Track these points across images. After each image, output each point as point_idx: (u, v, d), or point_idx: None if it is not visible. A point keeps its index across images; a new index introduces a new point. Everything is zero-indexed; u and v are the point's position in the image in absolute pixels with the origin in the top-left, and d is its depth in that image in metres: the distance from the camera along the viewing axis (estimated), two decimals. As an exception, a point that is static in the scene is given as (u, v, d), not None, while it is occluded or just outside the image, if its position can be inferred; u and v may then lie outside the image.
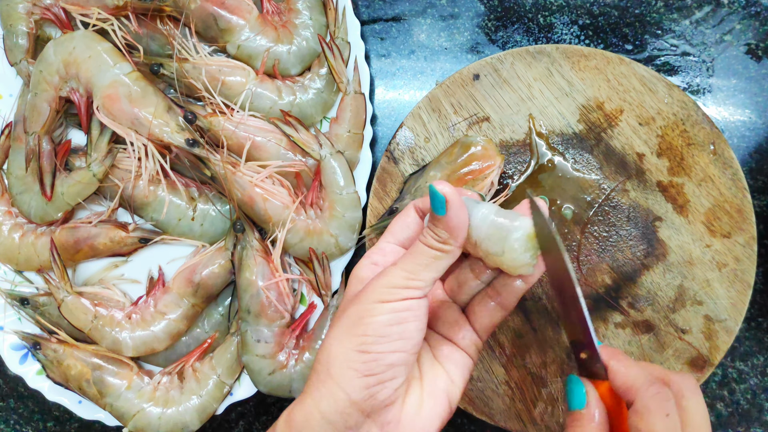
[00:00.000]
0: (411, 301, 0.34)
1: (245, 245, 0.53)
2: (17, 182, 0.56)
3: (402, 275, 0.34)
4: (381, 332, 0.34)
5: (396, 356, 0.34)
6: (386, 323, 0.34)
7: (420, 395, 0.36)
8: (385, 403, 0.34)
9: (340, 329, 0.35)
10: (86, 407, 0.56)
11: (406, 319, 0.34)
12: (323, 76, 0.55)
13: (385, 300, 0.34)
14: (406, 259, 0.35)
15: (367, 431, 0.34)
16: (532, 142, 0.52)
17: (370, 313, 0.34)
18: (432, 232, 0.35)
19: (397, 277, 0.35)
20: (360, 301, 0.35)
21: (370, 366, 0.33)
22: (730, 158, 0.50)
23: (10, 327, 0.57)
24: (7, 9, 0.55)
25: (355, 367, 0.33)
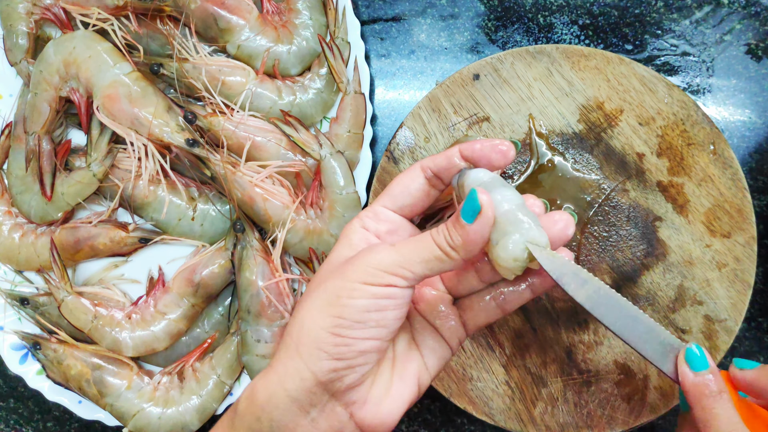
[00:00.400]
0: (395, 290, 0.32)
1: (245, 245, 0.53)
2: (17, 182, 0.56)
3: (394, 259, 0.32)
4: (357, 317, 0.32)
5: (369, 344, 0.32)
6: (364, 308, 0.32)
7: (390, 377, 0.35)
8: (352, 386, 0.33)
9: (316, 303, 0.33)
10: (86, 407, 0.56)
11: (385, 307, 0.32)
12: (323, 76, 0.55)
13: (368, 282, 0.32)
14: (406, 246, 0.33)
15: (331, 409, 0.33)
16: (532, 142, 0.52)
17: (350, 293, 0.32)
18: (447, 231, 0.32)
19: (387, 260, 0.32)
20: (343, 275, 0.33)
21: (341, 350, 0.32)
22: (730, 158, 0.50)
23: (10, 327, 0.57)
24: (7, 9, 0.55)
25: (325, 349, 0.32)
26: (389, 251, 0.33)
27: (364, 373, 0.33)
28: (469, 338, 0.51)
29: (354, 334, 0.32)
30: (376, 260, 0.32)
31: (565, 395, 0.50)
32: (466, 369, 0.51)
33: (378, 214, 0.37)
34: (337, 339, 0.32)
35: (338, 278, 0.33)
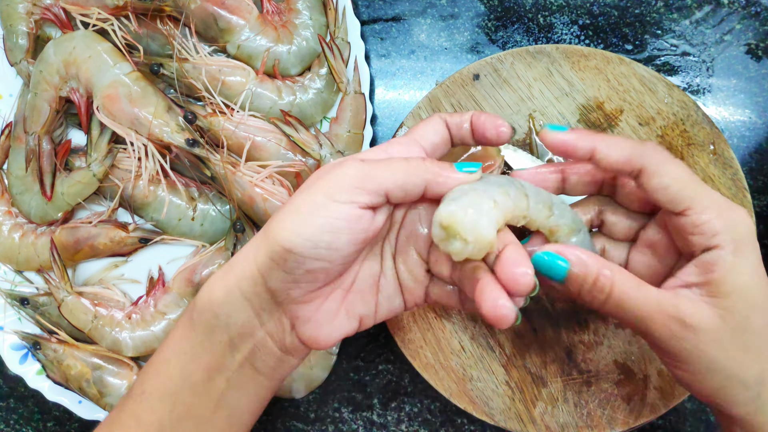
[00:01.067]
0: (352, 210, 0.33)
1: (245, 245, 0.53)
2: (17, 182, 0.56)
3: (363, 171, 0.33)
4: (311, 236, 0.33)
5: (317, 264, 0.33)
6: (319, 228, 0.33)
7: (338, 307, 0.37)
8: (297, 301, 0.35)
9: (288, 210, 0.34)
10: (86, 407, 0.56)
11: (340, 230, 0.33)
12: (323, 76, 0.55)
13: (335, 199, 0.33)
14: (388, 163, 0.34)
15: (278, 318, 0.36)
16: (532, 142, 0.52)
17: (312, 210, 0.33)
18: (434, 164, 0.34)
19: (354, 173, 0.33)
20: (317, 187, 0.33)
21: (290, 265, 0.33)
22: (730, 158, 0.50)
23: (10, 327, 0.57)
24: (7, 9, 0.55)
25: (276, 260, 0.33)
26: (357, 164, 0.33)
27: (310, 291, 0.35)
28: (469, 338, 0.51)
29: (306, 252, 0.33)
30: (342, 173, 0.33)
31: (565, 395, 0.50)
32: (466, 369, 0.51)
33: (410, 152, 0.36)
34: (289, 255, 0.33)
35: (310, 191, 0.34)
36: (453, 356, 0.51)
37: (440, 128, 0.38)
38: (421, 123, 0.38)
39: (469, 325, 0.51)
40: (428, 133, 0.37)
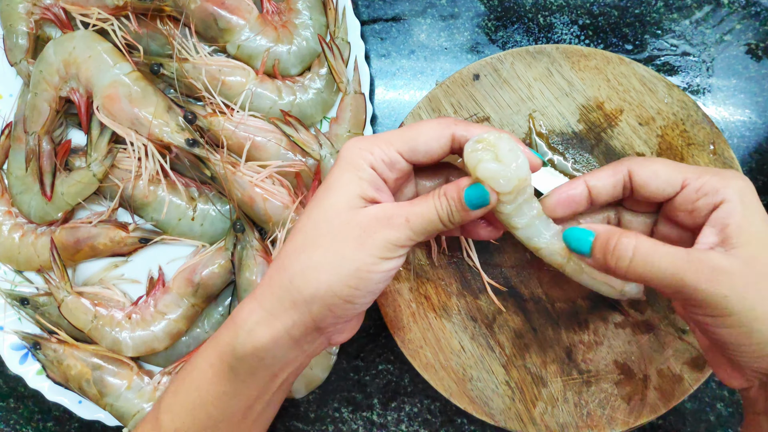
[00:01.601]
0: (401, 260, 0.36)
1: (245, 245, 0.53)
2: (17, 182, 0.56)
3: (408, 235, 0.35)
4: (372, 288, 0.35)
5: (369, 304, 0.37)
6: (378, 281, 0.35)
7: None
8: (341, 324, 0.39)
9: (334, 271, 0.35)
10: (86, 407, 0.56)
11: (391, 277, 0.36)
12: (323, 76, 0.55)
13: (385, 257, 0.35)
14: (416, 221, 0.35)
15: (318, 341, 0.39)
16: (532, 142, 0.52)
17: (369, 268, 0.34)
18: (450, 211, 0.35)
19: (403, 236, 0.35)
20: (363, 248, 0.34)
21: (347, 312, 0.36)
22: (730, 158, 0.50)
23: (10, 327, 0.57)
24: (7, 9, 0.55)
25: (334, 311, 0.35)
26: (405, 228, 0.35)
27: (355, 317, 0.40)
28: (469, 338, 0.51)
29: (364, 300, 0.36)
30: (395, 237, 0.35)
31: (565, 395, 0.50)
32: (466, 369, 0.51)
33: (394, 163, 0.37)
34: (348, 305, 0.35)
35: (356, 248, 0.35)
36: (453, 356, 0.51)
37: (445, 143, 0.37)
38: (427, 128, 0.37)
39: (469, 325, 0.51)
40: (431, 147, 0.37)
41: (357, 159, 0.36)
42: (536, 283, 0.51)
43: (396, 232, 0.35)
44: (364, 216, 0.35)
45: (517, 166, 0.34)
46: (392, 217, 0.35)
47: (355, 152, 0.36)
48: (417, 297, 0.52)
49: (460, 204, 0.35)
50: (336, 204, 0.36)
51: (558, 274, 0.51)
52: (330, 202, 0.36)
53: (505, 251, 0.52)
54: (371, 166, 0.36)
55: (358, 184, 0.35)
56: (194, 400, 0.38)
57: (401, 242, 0.35)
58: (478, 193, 0.34)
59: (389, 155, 0.36)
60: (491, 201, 0.35)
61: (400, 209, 0.35)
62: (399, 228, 0.35)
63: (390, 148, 0.36)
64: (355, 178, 0.36)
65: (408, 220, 0.35)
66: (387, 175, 0.37)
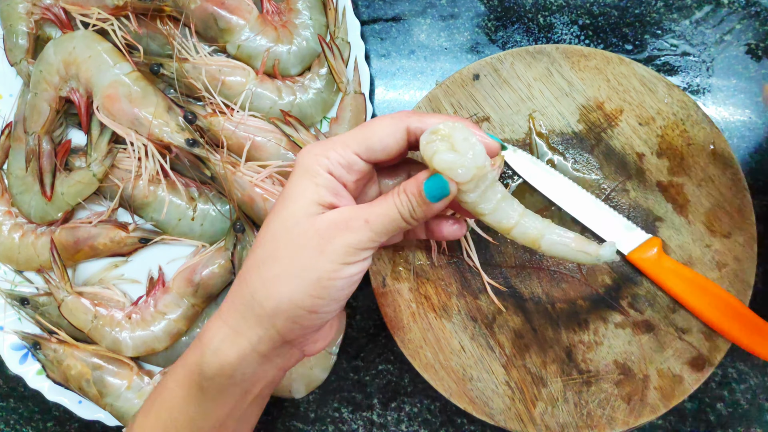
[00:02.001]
0: (365, 263, 0.35)
1: (245, 245, 0.53)
2: (17, 182, 0.56)
3: (369, 236, 0.34)
4: (335, 296, 0.34)
5: (336, 311, 0.36)
6: (342, 287, 0.34)
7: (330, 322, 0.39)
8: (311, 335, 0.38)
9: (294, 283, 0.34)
10: (86, 407, 0.56)
11: (357, 281, 0.35)
12: (323, 76, 0.55)
13: (348, 262, 0.34)
14: (377, 221, 0.34)
15: (289, 353, 0.38)
16: (532, 142, 0.52)
17: (330, 275, 0.33)
18: (411, 206, 0.34)
19: (364, 238, 0.34)
20: (323, 254, 0.33)
21: (313, 322, 0.35)
22: (730, 158, 0.50)
23: (10, 327, 0.57)
24: (7, 9, 0.55)
25: (300, 323, 0.35)
26: (364, 229, 0.34)
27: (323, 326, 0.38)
28: (469, 338, 0.51)
29: (328, 308, 0.35)
30: (355, 240, 0.34)
31: (565, 395, 0.50)
32: (466, 369, 0.51)
33: (352, 165, 0.35)
34: (313, 315, 0.35)
35: (315, 257, 0.34)
36: (453, 356, 0.51)
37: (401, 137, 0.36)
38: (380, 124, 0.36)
39: (469, 325, 0.51)
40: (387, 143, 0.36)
41: (312, 165, 0.35)
42: (536, 283, 0.51)
43: (355, 235, 0.33)
44: (321, 222, 0.34)
45: (474, 154, 0.33)
46: (350, 219, 0.34)
47: (310, 158, 0.35)
48: (417, 297, 0.52)
49: (420, 198, 0.33)
50: (293, 213, 0.35)
51: (558, 274, 0.51)
52: (287, 212, 0.35)
53: (505, 251, 0.52)
54: (328, 170, 0.35)
55: (314, 190, 0.35)
56: (165, 422, 0.38)
57: (362, 245, 0.34)
58: (438, 185, 0.33)
59: (346, 157, 0.35)
60: (451, 191, 0.33)
61: (359, 211, 0.34)
62: (358, 230, 0.33)
63: (346, 150, 0.35)
64: (311, 185, 0.35)
65: (368, 221, 0.34)
66: (346, 178, 0.36)
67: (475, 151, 0.34)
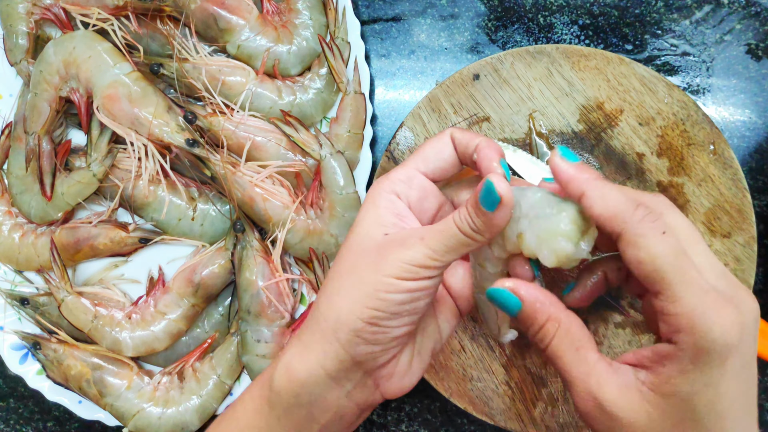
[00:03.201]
0: (427, 281, 0.34)
1: (245, 245, 0.53)
2: (17, 182, 0.56)
3: (425, 253, 0.33)
4: (394, 310, 0.34)
5: (403, 329, 0.35)
6: (400, 302, 0.34)
7: (411, 352, 0.38)
8: (384, 365, 0.36)
9: (353, 294, 0.34)
10: (86, 407, 0.56)
11: (419, 298, 0.34)
12: (323, 76, 0.55)
13: (403, 278, 0.33)
14: (434, 237, 0.34)
15: (363, 383, 0.36)
16: (532, 142, 0.52)
17: (387, 288, 0.33)
18: (469, 218, 0.33)
19: (419, 255, 0.33)
20: (377, 269, 0.34)
21: (377, 337, 0.34)
22: (730, 158, 0.50)
23: (10, 327, 0.57)
24: (7, 9, 0.55)
25: (363, 337, 0.34)
26: (420, 247, 0.34)
27: (396, 353, 0.36)
28: (469, 338, 0.51)
29: (390, 323, 0.34)
30: (409, 257, 0.33)
31: (565, 395, 0.50)
32: (466, 369, 0.51)
33: (411, 179, 0.37)
34: (374, 328, 0.34)
35: (372, 271, 0.34)
36: (453, 356, 0.51)
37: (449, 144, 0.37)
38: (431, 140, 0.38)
39: (469, 325, 0.51)
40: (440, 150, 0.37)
41: (375, 191, 0.37)
42: (536, 283, 0.51)
43: (410, 252, 0.33)
44: (381, 241, 0.35)
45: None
46: (407, 237, 0.34)
47: (375, 184, 0.37)
48: (417, 297, 0.52)
49: (476, 207, 0.33)
50: (356, 237, 0.36)
51: (558, 274, 0.51)
52: (352, 238, 0.36)
53: (505, 251, 0.52)
54: (393, 192, 0.36)
55: (374, 212, 0.36)
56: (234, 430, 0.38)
57: (417, 261, 0.33)
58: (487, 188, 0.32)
59: (407, 174, 0.37)
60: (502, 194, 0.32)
61: (417, 230, 0.35)
62: (413, 247, 0.33)
63: (405, 168, 0.37)
64: (372, 208, 0.36)
65: (423, 238, 0.34)
66: (408, 194, 0.37)
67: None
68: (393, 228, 0.36)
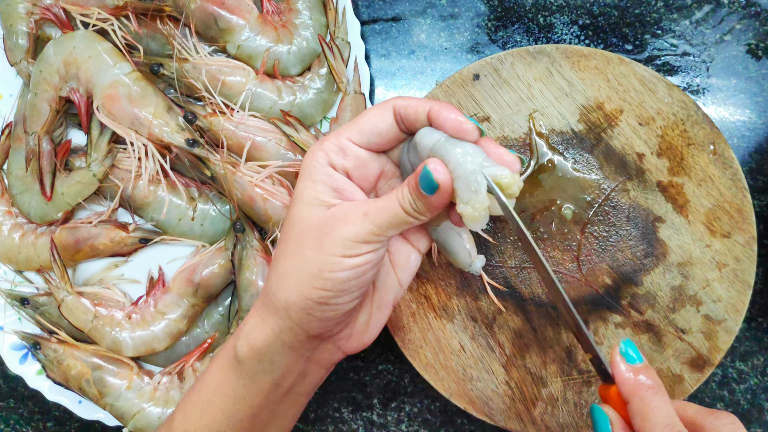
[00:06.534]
0: (372, 255, 0.34)
1: (245, 245, 0.53)
2: (17, 182, 0.56)
3: (369, 229, 0.34)
4: (341, 287, 0.34)
5: (353, 303, 0.36)
6: (346, 279, 0.34)
7: (369, 309, 0.39)
8: (340, 331, 0.38)
9: (300, 276, 0.34)
10: (86, 407, 0.56)
11: (365, 272, 0.35)
12: (323, 76, 0.55)
13: (347, 255, 0.34)
14: (377, 213, 0.34)
15: (323, 348, 0.38)
16: (532, 142, 0.52)
17: (331, 267, 0.34)
18: (411, 198, 0.33)
19: (363, 231, 0.34)
20: (320, 248, 0.34)
21: (328, 314, 0.35)
22: (730, 158, 0.50)
23: (10, 327, 0.57)
24: (7, 9, 0.55)
25: (315, 315, 0.35)
26: (363, 222, 0.34)
27: (350, 319, 0.38)
28: (469, 338, 0.51)
29: (339, 300, 0.35)
30: (352, 233, 0.34)
31: (565, 395, 0.50)
32: (466, 369, 0.51)
33: (345, 149, 0.36)
34: (324, 307, 0.35)
35: (315, 249, 0.34)
36: (453, 356, 0.51)
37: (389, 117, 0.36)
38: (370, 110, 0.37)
39: (469, 325, 0.51)
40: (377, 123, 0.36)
41: (311, 162, 0.36)
42: (536, 283, 0.51)
43: (353, 227, 0.34)
44: (321, 217, 0.35)
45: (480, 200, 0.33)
46: (349, 212, 0.34)
47: (309, 156, 0.36)
48: (417, 297, 0.52)
49: (416, 190, 0.33)
50: (298, 212, 0.36)
51: (558, 275, 0.51)
52: (293, 213, 0.36)
53: (505, 251, 0.52)
54: (328, 162, 0.36)
55: (312, 188, 0.36)
56: (203, 401, 0.39)
57: (361, 237, 0.33)
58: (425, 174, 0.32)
59: (340, 145, 0.36)
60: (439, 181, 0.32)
61: (360, 205, 0.35)
62: (356, 222, 0.34)
63: (338, 137, 0.36)
64: (310, 183, 0.36)
65: (366, 213, 0.34)
66: (344, 165, 0.36)
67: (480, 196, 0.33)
68: (333, 202, 0.36)
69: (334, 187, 0.36)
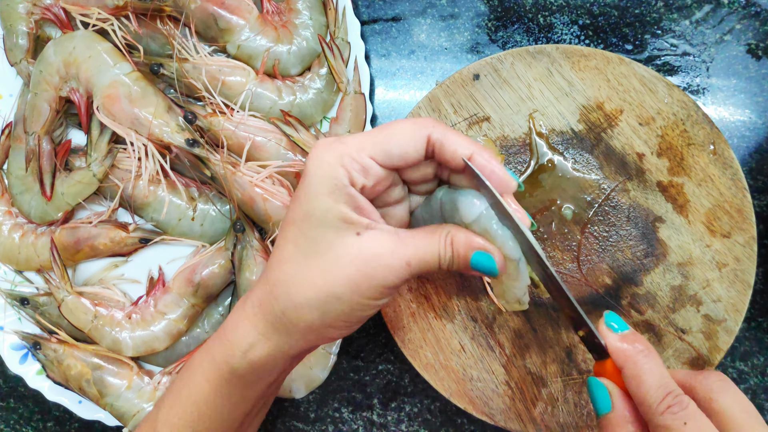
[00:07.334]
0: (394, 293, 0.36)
1: (245, 245, 0.53)
2: (17, 182, 0.56)
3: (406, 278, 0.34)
4: (362, 320, 0.36)
5: (359, 325, 0.37)
6: (370, 315, 0.36)
7: None
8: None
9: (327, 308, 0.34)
10: (86, 407, 0.56)
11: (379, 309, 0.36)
12: (323, 76, 0.55)
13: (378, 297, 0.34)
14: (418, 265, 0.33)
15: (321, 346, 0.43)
16: (532, 142, 0.52)
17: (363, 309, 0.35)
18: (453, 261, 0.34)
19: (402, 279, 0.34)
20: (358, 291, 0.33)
21: (342, 332, 0.37)
22: (730, 158, 0.50)
23: (10, 327, 0.57)
24: (7, 9, 0.55)
25: (330, 336, 0.37)
26: (405, 272, 0.33)
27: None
28: (469, 338, 0.51)
29: (356, 327, 0.37)
30: (393, 282, 0.34)
31: (565, 395, 0.50)
32: (466, 369, 0.51)
33: (368, 170, 0.33)
34: (341, 331, 0.36)
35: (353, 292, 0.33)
36: (453, 356, 0.51)
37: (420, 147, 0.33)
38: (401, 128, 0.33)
39: (469, 325, 0.51)
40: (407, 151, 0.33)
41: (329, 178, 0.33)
42: (536, 283, 0.51)
43: (395, 278, 0.33)
44: (359, 252, 0.33)
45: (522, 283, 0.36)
46: (390, 258, 0.33)
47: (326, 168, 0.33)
48: (417, 297, 0.52)
49: (464, 262, 0.34)
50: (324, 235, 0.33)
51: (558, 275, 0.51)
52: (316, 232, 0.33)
53: (505, 251, 0.52)
54: (349, 180, 0.33)
55: (336, 208, 0.33)
56: (192, 414, 0.39)
57: (398, 284, 0.34)
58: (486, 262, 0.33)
59: (360, 162, 0.33)
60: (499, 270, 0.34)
61: (401, 249, 0.33)
62: (399, 273, 0.33)
63: (361, 154, 0.33)
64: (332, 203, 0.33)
65: (410, 264, 0.33)
66: (363, 182, 0.33)
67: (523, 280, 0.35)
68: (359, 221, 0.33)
69: (355, 206, 0.33)
